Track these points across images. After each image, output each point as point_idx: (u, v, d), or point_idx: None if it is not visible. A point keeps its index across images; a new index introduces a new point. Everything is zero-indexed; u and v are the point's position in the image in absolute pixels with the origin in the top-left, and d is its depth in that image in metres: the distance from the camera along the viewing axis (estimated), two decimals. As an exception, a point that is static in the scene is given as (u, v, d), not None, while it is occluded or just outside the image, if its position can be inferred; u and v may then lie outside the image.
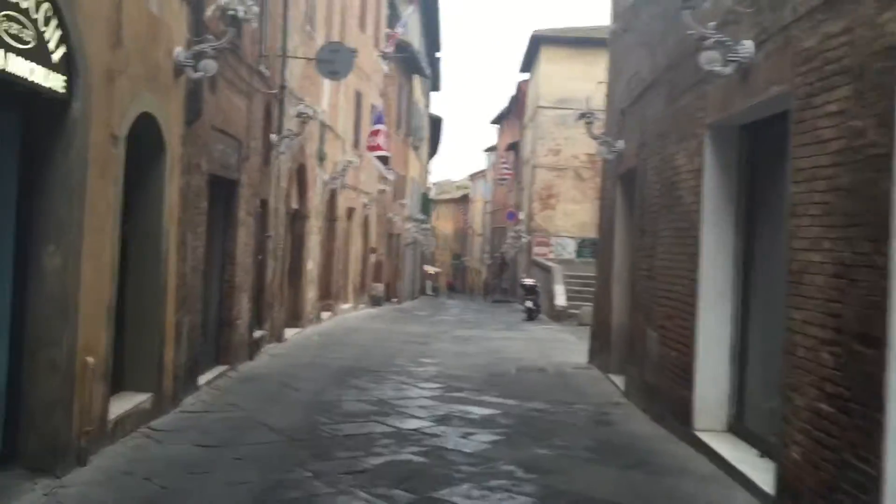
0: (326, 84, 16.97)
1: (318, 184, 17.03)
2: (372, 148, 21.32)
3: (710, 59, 6.25)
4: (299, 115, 12.37)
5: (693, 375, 7.25)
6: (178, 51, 7.31)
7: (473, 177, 72.60)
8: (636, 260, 9.93)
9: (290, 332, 14.80)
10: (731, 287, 7.13)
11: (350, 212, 22.13)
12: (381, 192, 25.15)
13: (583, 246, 36.97)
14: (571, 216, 37.12)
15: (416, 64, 32.19)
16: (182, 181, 7.75)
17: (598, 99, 34.39)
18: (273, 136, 12.31)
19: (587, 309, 22.60)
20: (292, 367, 11.53)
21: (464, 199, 74.51)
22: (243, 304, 10.83)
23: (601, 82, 13.55)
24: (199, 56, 7.44)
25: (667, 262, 8.29)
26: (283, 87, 13.04)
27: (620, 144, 11.19)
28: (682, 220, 7.78)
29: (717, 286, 7.14)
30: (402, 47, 28.30)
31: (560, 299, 23.53)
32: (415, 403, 9.15)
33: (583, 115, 11.40)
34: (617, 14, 12.61)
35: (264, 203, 12.29)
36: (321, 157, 16.92)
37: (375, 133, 21.29)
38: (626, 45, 11.62)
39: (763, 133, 6.78)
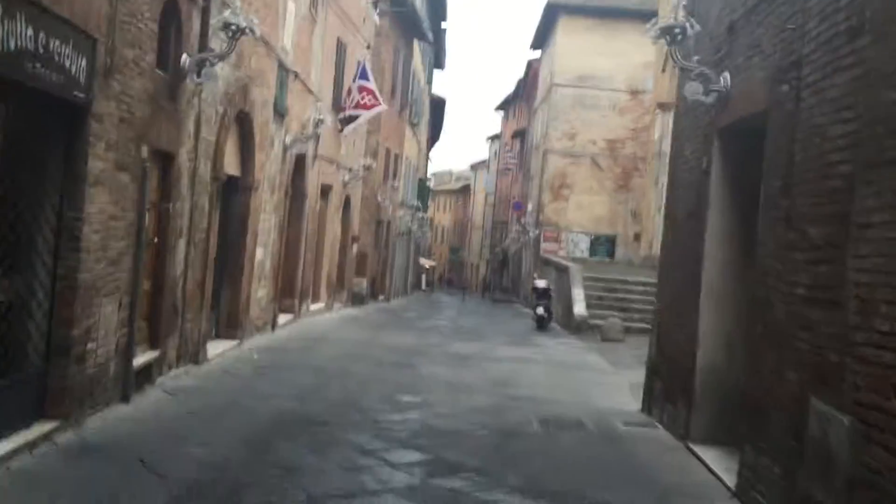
0: (291, 13, 12.67)
1: (274, 146, 12.74)
2: (361, 107, 17.04)
3: None
4: (225, 26, 8.08)
5: None
6: None
7: (475, 167, 68.44)
8: (771, 269, 5.70)
9: (219, 348, 10.55)
10: None
11: (326, 189, 17.84)
12: (367, 167, 20.79)
13: (597, 243, 33.00)
14: (586, 209, 33.00)
15: (418, 26, 27.78)
16: None
17: (620, 80, 30.37)
18: (184, 57, 8.08)
19: (613, 321, 18.39)
20: (190, 415, 7.28)
21: (464, 191, 70.37)
22: (105, 315, 6.59)
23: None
24: None
25: (890, 275, 4.06)
26: (208, -9, 8.80)
27: (725, 79, 7.00)
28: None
29: None
30: (401, 0, 23.99)
31: (580, 307, 19.26)
32: (372, 511, 5.02)
33: (665, 32, 7.15)
34: None
35: (168, 158, 8.05)
36: (280, 111, 12.64)
37: (366, 91, 17.01)
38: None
39: None
